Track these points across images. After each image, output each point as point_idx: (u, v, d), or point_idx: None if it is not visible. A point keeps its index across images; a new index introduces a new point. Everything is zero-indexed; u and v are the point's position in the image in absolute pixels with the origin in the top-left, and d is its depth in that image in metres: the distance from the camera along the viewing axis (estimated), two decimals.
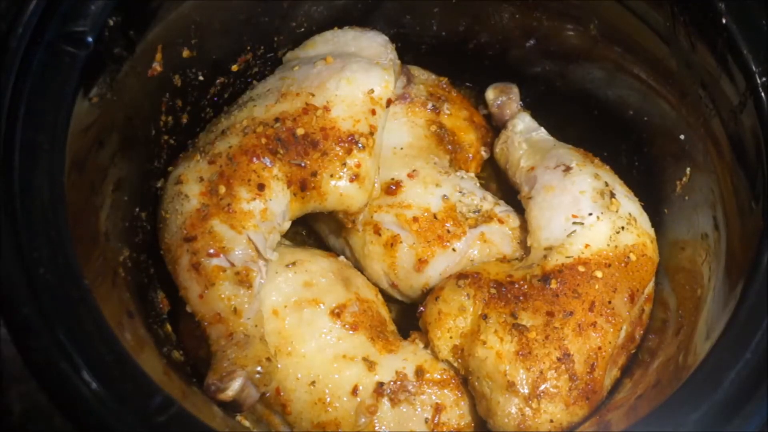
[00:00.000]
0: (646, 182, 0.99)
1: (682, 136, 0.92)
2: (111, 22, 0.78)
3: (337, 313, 0.89)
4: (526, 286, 0.87)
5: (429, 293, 0.93)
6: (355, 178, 0.90)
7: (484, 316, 0.86)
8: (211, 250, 0.85)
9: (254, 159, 0.89)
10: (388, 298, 0.99)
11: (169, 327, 0.92)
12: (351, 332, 0.89)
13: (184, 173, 0.90)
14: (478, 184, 1.01)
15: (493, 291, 0.87)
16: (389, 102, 0.95)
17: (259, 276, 0.86)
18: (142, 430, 0.67)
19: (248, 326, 0.84)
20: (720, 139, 0.85)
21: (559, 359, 0.82)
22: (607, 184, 0.93)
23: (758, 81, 0.78)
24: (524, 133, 1.05)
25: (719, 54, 0.82)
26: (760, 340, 0.70)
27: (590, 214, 0.90)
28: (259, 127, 0.90)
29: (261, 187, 0.88)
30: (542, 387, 0.82)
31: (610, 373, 0.89)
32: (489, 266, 0.92)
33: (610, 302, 0.85)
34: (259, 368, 0.81)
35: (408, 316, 1.00)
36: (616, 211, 0.91)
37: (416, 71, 1.10)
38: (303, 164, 0.90)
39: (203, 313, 0.84)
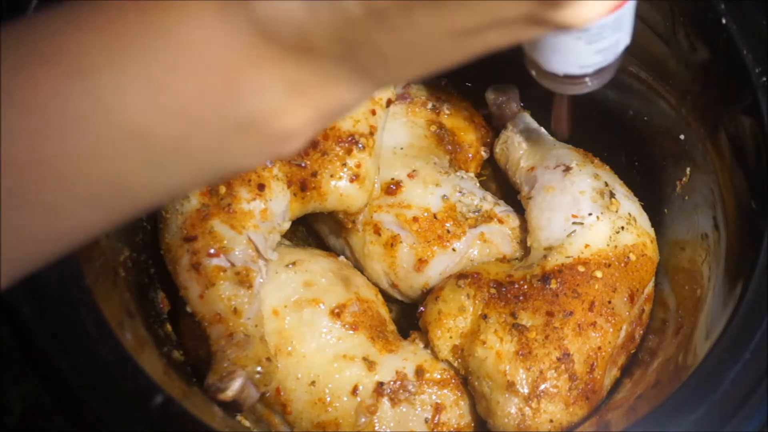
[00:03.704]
0: (646, 182, 0.99)
1: (682, 136, 0.92)
2: None
3: (337, 313, 0.89)
4: (526, 286, 0.87)
5: (429, 293, 0.93)
6: (355, 178, 0.90)
7: (484, 316, 0.86)
8: (212, 250, 0.85)
9: None
10: (388, 298, 0.99)
11: (169, 327, 0.92)
12: (351, 332, 0.89)
13: None
14: (478, 184, 1.01)
15: (493, 291, 0.87)
16: (389, 102, 0.94)
17: (259, 276, 0.86)
18: (142, 430, 0.67)
19: (248, 326, 0.84)
20: (720, 139, 0.85)
21: (558, 359, 0.82)
22: (607, 184, 0.93)
23: (758, 81, 0.78)
24: (524, 133, 1.05)
25: (719, 54, 0.82)
26: (760, 340, 0.70)
27: (590, 214, 0.90)
28: None
29: (261, 187, 0.88)
30: (542, 387, 0.82)
31: (610, 373, 0.89)
32: (489, 266, 0.92)
33: (609, 302, 0.85)
34: (259, 368, 0.81)
35: (408, 316, 1.00)
36: (616, 211, 0.91)
37: None
38: (303, 164, 0.90)
39: (203, 313, 0.84)
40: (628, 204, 0.92)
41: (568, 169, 0.94)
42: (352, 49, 0.41)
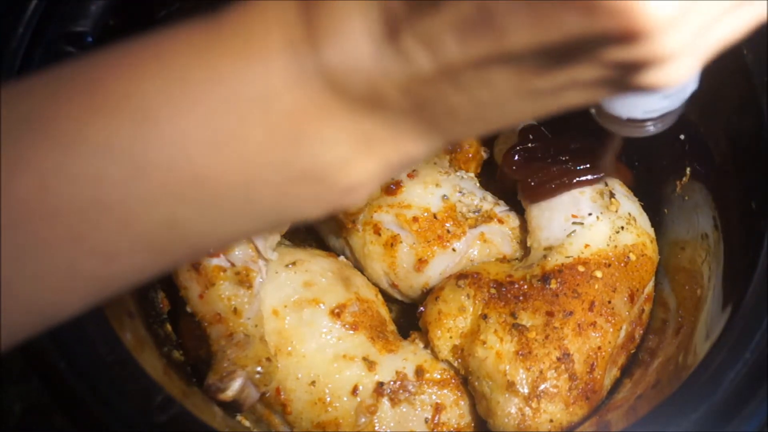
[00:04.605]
0: (646, 182, 0.99)
1: (682, 136, 0.92)
2: (111, 23, 0.78)
3: (337, 313, 0.89)
4: (526, 286, 0.87)
5: (429, 293, 0.93)
6: None
7: (484, 316, 0.86)
8: (211, 250, 0.85)
9: None
10: (388, 298, 0.99)
11: (169, 327, 0.92)
12: (351, 332, 0.89)
13: None
14: (478, 184, 1.01)
15: (493, 291, 0.87)
16: None
17: (259, 276, 0.86)
18: (142, 430, 0.67)
19: (248, 326, 0.84)
20: (720, 139, 0.85)
21: (558, 359, 0.82)
22: (606, 184, 0.93)
23: (758, 81, 0.78)
24: None
25: (719, 54, 0.82)
26: (760, 340, 0.70)
27: (590, 214, 0.90)
28: None
29: None
30: (542, 387, 0.82)
31: (610, 373, 0.89)
32: (489, 266, 0.92)
33: (609, 302, 0.85)
34: (259, 368, 0.81)
35: (408, 316, 1.00)
36: (616, 211, 0.91)
37: None
38: None
39: (203, 313, 0.84)
40: (628, 204, 0.92)
41: None
42: (422, 104, 0.40)
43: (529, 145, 0.95)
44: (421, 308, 0.92)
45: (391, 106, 0.40)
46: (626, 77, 0.38)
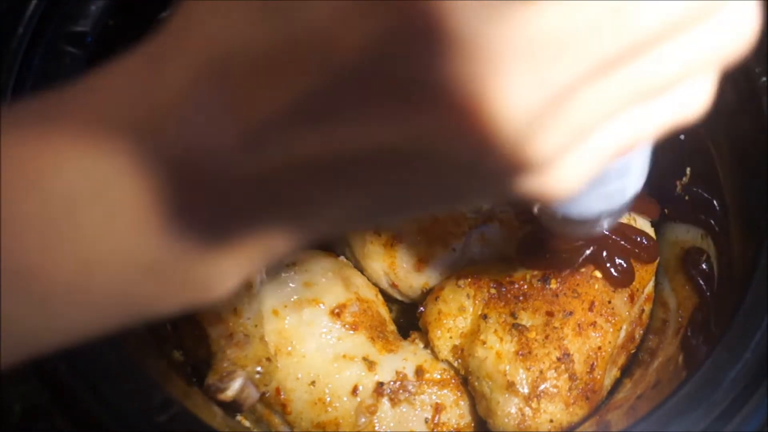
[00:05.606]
0: (646, 182, 0.99)
1: (681, 136, 0.92)
2: (111, 23, 0.78)
3: (337, 313, 0.89)
4: (525, 286, 0.87)
5: (429, 293, 0.93)
6: None
7: (484, 316, 0.86)
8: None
9: None
10: (388, 298, 0.99)
11: (169, 327, 0.92)
12: (351, 332, 0.89)
13: None
14: None
15: (492, 291, 0.87)
16: None
17: (259, 276, 0.86)
18: (142, 430, 0.67)
19: (248, 326, 0.84)
20: (720, 139, 0.85)
21: (558, 359, 0.82)
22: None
23: (758, 81, 0.78)
24: None
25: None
26: (760, 340, 0.70)
27: None
28: None
29: None
30: (542, 387, 0.82)
31: (610, 373, 0.89)
32: (489, 266, 0.92)
33: (609, 302, 0.85)
34: (259, 368, 0.81)
35: (408, 316, 1.00)
36: None
37: None
38: None
39: (203, 313, 0.84)
40: None
41: None
42: (275, 198, 0.35)
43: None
44: (421, 308, 0.92)
45: (243, 199, 0.35)
46: (497, 184, 0.31)
